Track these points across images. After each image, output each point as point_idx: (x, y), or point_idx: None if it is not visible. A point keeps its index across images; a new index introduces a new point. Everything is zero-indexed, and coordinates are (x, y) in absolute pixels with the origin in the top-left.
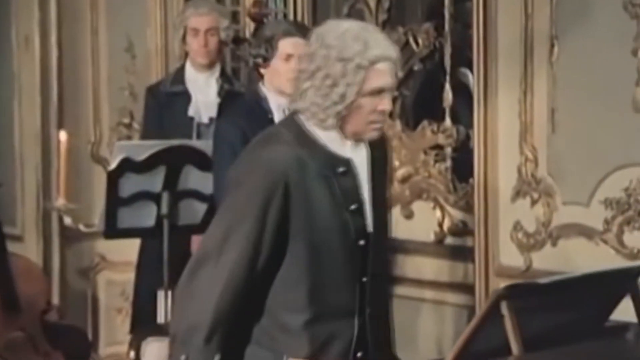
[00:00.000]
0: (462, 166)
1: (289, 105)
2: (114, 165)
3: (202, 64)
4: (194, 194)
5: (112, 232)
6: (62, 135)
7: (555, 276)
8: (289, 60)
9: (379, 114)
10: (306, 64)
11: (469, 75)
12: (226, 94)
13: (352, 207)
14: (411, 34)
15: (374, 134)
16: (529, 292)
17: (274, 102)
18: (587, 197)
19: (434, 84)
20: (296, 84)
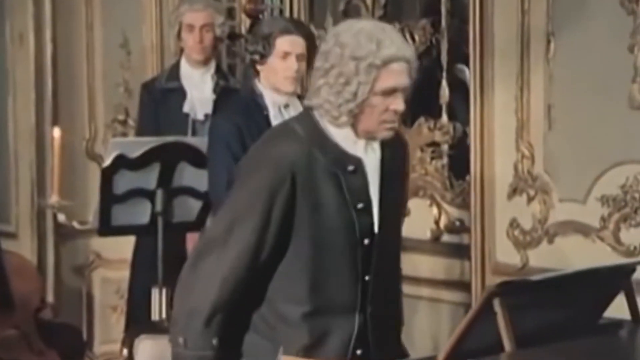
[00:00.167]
0: (459, 163)
1: (304, 101)
2: (108, 162)
3: (198, 60)
4: (189, 191)
5: (106, 229)
6: (56, 131)
7: (548, 273)
8: (286, 58)
9: (391, 114)
10: (321, 62)
11: (466, 71)
12: (222, 90)
13: (359, 206)
14: (408, 30)
15: (386, 134)
16: (522, 289)
17: (270, 99)
18: (583, 194)
19: (431, 80)
20: (311, 81)
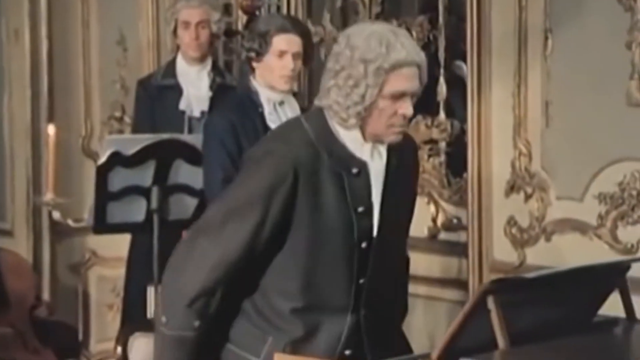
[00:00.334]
0: (457, 161)
1: (315, 101)
2: (103, 159)
3: (194, 57)
4: (185, 188)
5: (101, 227)
6: (51, 128)
7: (542, 270)
8: (282, 56)
9: (399, 118)
10: (332, 63)
11: (464, 67)
12: (218, 87)
13: (360, 209)
14: (405, 27)
15: (393, 138)
16: (516, 286)
17: (265, 96)
18: (581, 191)
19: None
20: (321, 81)
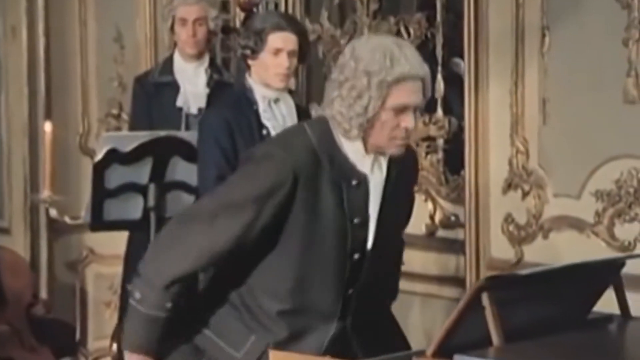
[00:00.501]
0: (454, 158)
1: (319, 110)
2: (100, 156)
3: (191, 54)
4: (182, 185)
5: (98, 224)
6: (47, 126)
7: (537, 267)
8: (277, 54)
9: (402, 131)
10: (336, 74)
11: (462, 65)
12: (215, 84)
13: (356, 220)
14: (403, 24)
15: (395, 150)
16: (511, 283)
17: (260, 94)
18: (578, 189)
19: None
20: (325, 92)
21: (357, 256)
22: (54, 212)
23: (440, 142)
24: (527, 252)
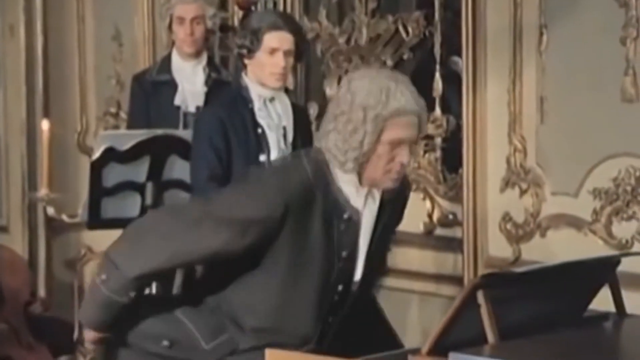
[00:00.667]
0: (452, 156)
1: (314, 143)
2: (97, 154)
3: (189, 52)
4: (179, 184)
5: (95, 222)
6: (45, 124)
7: (532, 265)
8: (273, 54)
9: (397, 165)
10: (333, 107)
11: (460, 63)
12: (213, 83)
13: (344, 253)
14: (401, 23)
15: (390, 184)
16: (506, 281)
17: (255, 92)
18: (575, 187)
19: (424, 73)
20: (322, 123)
21: (340, 288)
22: (51, 210)
23: (438, 140)
24: (525, 251)
